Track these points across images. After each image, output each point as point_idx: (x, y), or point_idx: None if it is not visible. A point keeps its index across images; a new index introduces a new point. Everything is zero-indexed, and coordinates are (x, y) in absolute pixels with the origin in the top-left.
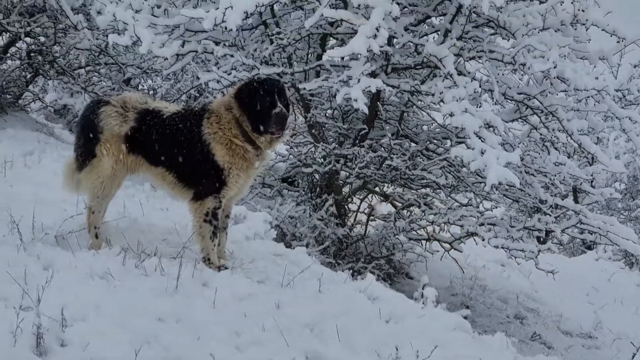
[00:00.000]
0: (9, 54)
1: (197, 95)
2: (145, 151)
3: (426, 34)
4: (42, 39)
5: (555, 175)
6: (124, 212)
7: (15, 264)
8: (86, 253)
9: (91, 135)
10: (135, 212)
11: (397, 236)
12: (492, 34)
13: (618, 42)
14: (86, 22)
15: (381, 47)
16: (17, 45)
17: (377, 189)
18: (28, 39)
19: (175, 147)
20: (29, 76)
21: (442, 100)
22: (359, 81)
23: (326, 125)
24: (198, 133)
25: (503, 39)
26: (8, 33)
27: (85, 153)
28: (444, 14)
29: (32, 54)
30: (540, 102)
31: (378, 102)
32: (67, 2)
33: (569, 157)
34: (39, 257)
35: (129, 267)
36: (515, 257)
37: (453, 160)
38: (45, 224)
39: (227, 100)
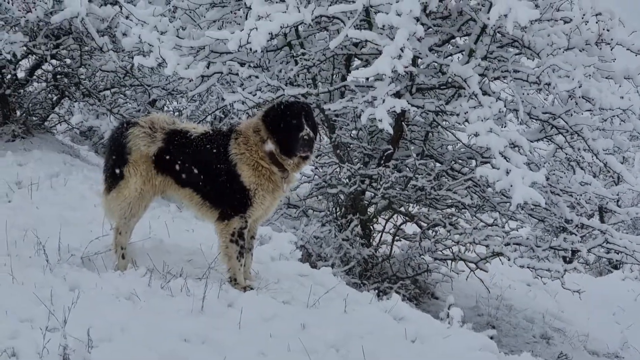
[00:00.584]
0: (35, 77)
1: (222, 116)
2: (172, 172)
3: (450, 54)
4: (68, 61)
5: (581, 195)
6: (150, 233)
7: (41, 285)
8: (112, 274)
9: (119, 157)
10: (161, 233)
11: (422, 256)
12: (516, 54)
13: None
14: (112, 44)
15: (406, 67)
16: (43, 67)
17: (402, 209)
18: (54, 62)
19: (203, 167)
20: (55, 98)
21: (467, 120)
22: (383, 101)
23: (351, 145)
24: (225, 154)
25: (528, 58)
26: (34, 55)
27: (113, 174)
28: (469, 34)
29: (58, 76)
30: (566, 122)
31: (403, 123)
32: (93, 25)
33: (594, 177)
34: (65, 278)
35: (154, 288)
36: (541, 277)
37: (478, 180)
38: (71, 245)
39: (255, 122)
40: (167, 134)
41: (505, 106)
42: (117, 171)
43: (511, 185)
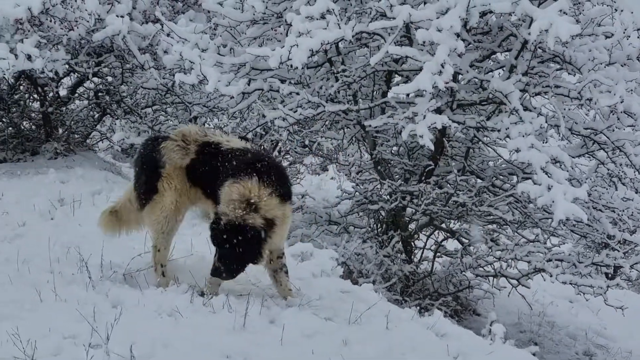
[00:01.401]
0: (77, 94)
1: (263, 133)
2: (202, 183)
3: (491, 70)
4: (110, 78)
5: (623, 211)
6: (191, 249)
7: (84, 302)
8: (154, 291)
9: (152, 172)
10: (203, 250)
11: (464, 273)
12: (557, 69)
13: None
14: (153, 62)
15: (446, 83)
16: (85, 85)
17: (443, 225)
18: (96, 79)
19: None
20: (96, 116)
21: (508, 136)
22: (424, 117)
23: (392, 161)
24: None
25: (569, 74)
26: (76, 73)
27: (147, 190)
28: (509, 50)
29: (99, 94)
30: (607, 137)
31: (444, 139)
32: (135, 42)
33: (636, 192)
34: (108, 295)
35: (196, 305)
36: (584, 293)
37: (520, 196)
38: (114, 262)
39: None
40: (200, 146)
41: (546, 122)
42: (151, 186)
43: (553, 201)
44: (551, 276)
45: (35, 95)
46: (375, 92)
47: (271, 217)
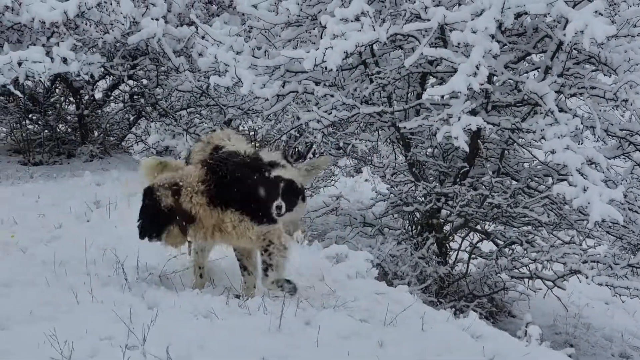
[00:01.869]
0: (112, 97)
1: (297, 135)
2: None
3: (526, 71)
4: (145, 81)
5: None
6: (227, 252)
7: (120, 304)
8: (190, 292)
9: None
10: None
11: (499, 274)
12: (593, 71)
13: None
14: (188, 65)
15: (481, 85)
16: (120, 88)
17: (478, 227)
18: (131, 82)
19: None
20: (131, 118)
21: (543, 138)
22: (459, 119)
23: (426, 163)
24: None
25: (604, 75)
26: (111, 76)
27: None
28: (544, 51)
29: (135, 97)
30: None
31: (478, 140)
32: (169, 45)
33: None
34: (144, 297)
35: (232, 306)
36: (620, 295)
37: (555, 198)
38: (150, 264)
39: None
40: (213, 149)
41: (582, 123)
42: None
43: (589, 203)
44: (587, 278)
45: (71, 98)
46: (409, 94)
47: (191, 211)
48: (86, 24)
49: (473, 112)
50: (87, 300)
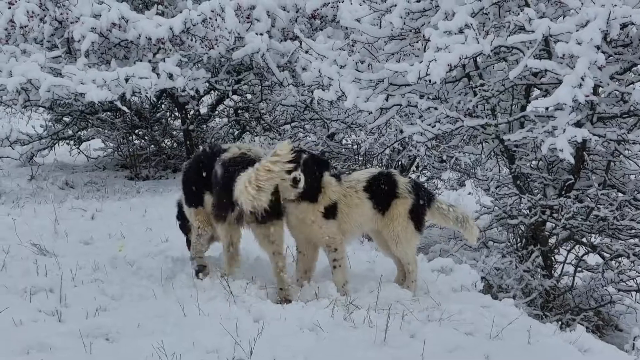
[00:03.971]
0: (217, 112)
1: (401, 148)
2: None
3: (632, 82)
4: (249, 96)
5: None
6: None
7: (227, 317)
8: (295, 305)
9: None
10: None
11: (605, 287)
12: None
13: None
14: (291, 79)
15: (587, 96)
16: (225, 102)
17: (584, 239)
18: (235, 97)
19: None
20: (236, 133)
21: None
22: (564, 131)
23: (531, 176)
24: None
25: None
26: (216, 91)
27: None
28: None
29: (239, 111)
30: None
31: (584, 152)
32: (273, 60)
33: None
34: (250, 310)
35: (337, 319)
36: None
37: None
38: (255, 276)
39: None
40: None
41: None
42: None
43: None
44: None
45: (177, 113)
46: (513, 106)
47: None
48: (191, 40)
49: (578, 124)
50: (194, 313)
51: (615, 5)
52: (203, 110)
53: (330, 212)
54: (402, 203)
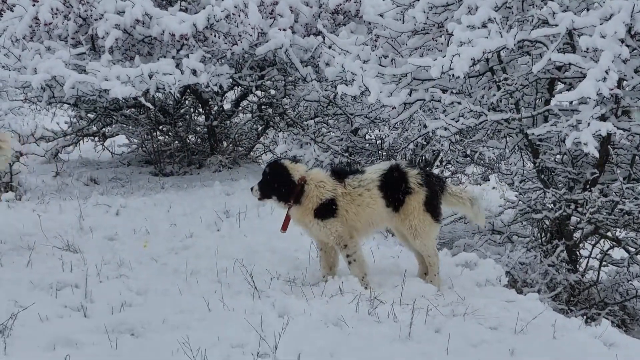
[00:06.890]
0: (240, 108)
1: (424, 143)
2: None
3: None
4: (272, 92)
5: None
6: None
7: (251, 312)
8: (320, 300)
9: None
10: (367, 260)
11: (631, 282)
12: None
13: None
14: (315, 74)
15: (611, 90)
16: (248, 98)
17: (609, 233)
18: (259, 93)
19: None
20: (260, 128)
21: None
22: (588, 125)
23: (555, 170)
24: None
25: None
26: (240, 87)
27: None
28: None
29: (262, 107)
30: None
31: (608, 146)
32: (297, 55)
33: None
34: (274, 305)
35: (362, 314)
36: None
37: None
38: (279, 272)
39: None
40: None
41: None
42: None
43: None
44: None
45: (200, 109)
46: (537, 100)
47: None
48: (215, 36)
49: (603, 118)
50: (219, 309)
51: None
52: (227, 106)
53: (326, 211)
54: (415, 197)
